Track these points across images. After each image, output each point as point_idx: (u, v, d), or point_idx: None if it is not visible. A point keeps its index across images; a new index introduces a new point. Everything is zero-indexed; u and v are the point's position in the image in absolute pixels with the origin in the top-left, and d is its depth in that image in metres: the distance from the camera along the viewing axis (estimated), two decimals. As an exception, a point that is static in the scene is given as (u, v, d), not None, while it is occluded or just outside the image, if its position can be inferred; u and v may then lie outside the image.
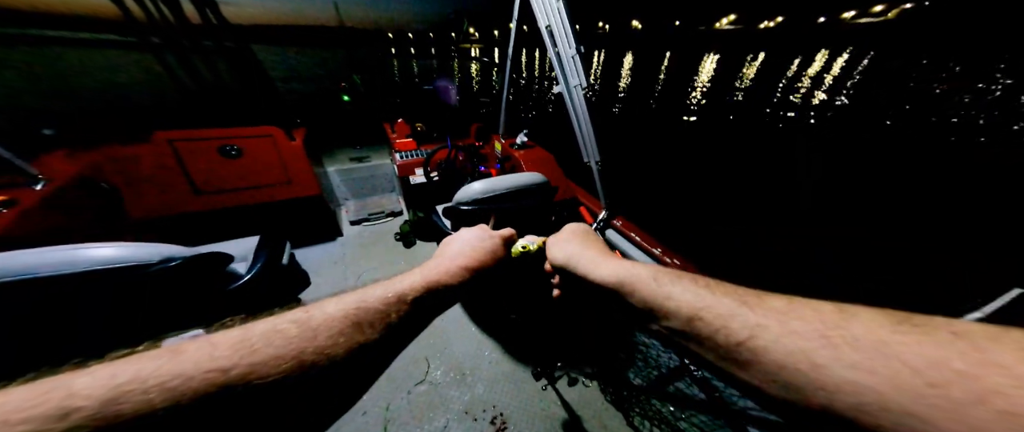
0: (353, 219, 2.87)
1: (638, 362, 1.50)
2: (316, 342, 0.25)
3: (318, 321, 0.26)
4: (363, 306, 0.29)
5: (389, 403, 1.52)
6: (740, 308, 0.24)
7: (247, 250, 1.51)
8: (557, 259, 0.43)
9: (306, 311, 0.27)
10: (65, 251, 0.84)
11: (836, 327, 0.19)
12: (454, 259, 0.41)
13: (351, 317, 0.28)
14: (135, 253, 0.89)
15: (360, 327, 0.28)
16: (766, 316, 0.22)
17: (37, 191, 1.40)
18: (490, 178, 1.54)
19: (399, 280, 0.34)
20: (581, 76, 1.67)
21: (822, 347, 0.19)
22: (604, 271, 0.35)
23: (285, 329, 0.24)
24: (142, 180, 1.89)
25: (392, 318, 0.31)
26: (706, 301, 0.26)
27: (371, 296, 0.30)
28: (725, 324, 0.24)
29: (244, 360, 0.21)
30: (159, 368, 0.18)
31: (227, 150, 2.04)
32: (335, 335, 0.26)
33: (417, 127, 2.96)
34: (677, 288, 0.28)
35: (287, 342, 0.23)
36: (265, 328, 0.24)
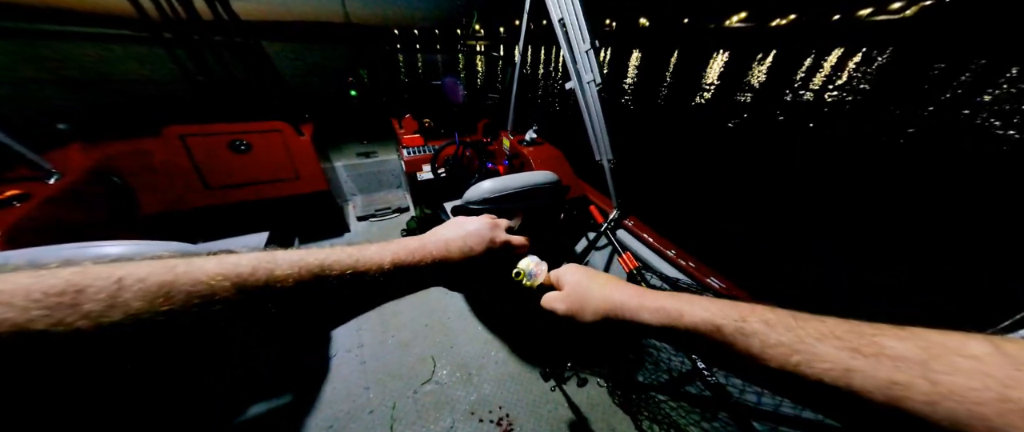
0: (360, 215, 2.87)
1: (647, 364, 1.47)
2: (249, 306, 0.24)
3: (260, 280, 0.26)
4: (320, 274, 0.29)
5: (395, 402, 1.51)
6: (854, 361, 0.20)
7: (257, 246, 1.49)
8: (590, 320, 0.38)
9: (254, 269, 0.26)
10: (71, 249, 0.83)
11: (1018, 385, 0.16)
12: (436, 245, 0.40)
13: (305, 279, 0.28)
14: (141, 251, 0.88)
15: (311, 295, 0.28)
16: (900, 371, 0.19)
17: (51, 185, 1.40)
18: (500, 176, 1.50)
19: (368, 256, 0.33)
20: (595, 72, 1.62)
21: (1011, 414, 0.16)
22: (649, 317, 0.33)
23: (217, 289, 0.23)
24: (154, 175, 1.90)
25: (344, 292, 0.31)
26: (801, 352, 0.22)
27: (335, 265, 0.30)
28: (846, 384, 0.20)
29: (156, 311, 0.20)
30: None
31: (237, 145, 2.05)
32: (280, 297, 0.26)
33: (425, 123, 2.93)
34: (754, 341, 0.25)
35: (210, 304, 0.22)
36: (193, 279, 0.22)
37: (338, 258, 0.31)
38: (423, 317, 1.95)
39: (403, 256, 0.35)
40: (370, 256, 0.33)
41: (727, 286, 1.22)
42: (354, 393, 1.53)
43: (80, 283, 0.18)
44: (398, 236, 2.64)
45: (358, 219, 2.85)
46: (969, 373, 0.17)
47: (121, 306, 0.18)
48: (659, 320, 0.31)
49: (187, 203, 1.99)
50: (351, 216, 2.89)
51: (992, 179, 6.04)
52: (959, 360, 0.18)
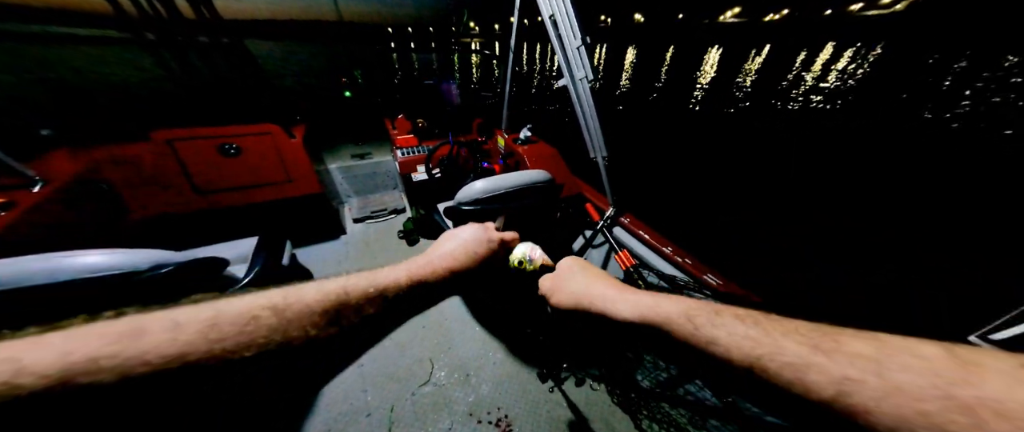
0: (356, 217, 2.84)
1: (647, 363, 1.46)
2: (289, 333, 0.24)
3: (295, 311, 0.25)
4: (344, 300, 0.28)
5: (394, 404, 1.50)
6: (814, 356, 0.21)
7: (246, 251, 1.47)
8: (563, 303, 0.40)
9: (284, 296, 0.25)
10: (48, 260, 0.80)
11: (963, 383, 0.16)
12: (443, 259, 0.40)
13: (330, 311, 0.27)
14: (123, 260, 0.85)
15: (337, 321, 0.27)
16: (854, 366, 0.19)
17: (35, 193, 1.37)
18: (493, 176, 1.49)
19: (384, 275, 0.33)
20: (587, 68, 1.60)
21: (951, 410, 0.16)
22: (624, 310, 0.33)
23: (260, 315, 0.23)
24: (142, 180, 1.86)
25: (369, 311, 0.30)
26: (764, 346, 0.23)
27: (354, 290, 0.29)
28: (800, 377, 0.20)
29: (212, 346, 0.20)
30: (118, 352, 0.17)
31: (226, 149, 2.01)
32: (308, 326, 0.25)
33: (418, 123, 2.90)
34: (721, 331, 0.25)
35: (258, 329, 0.22)
36: (239, 311, 0.22)
37: (355, 282, 0.30)
38: (420, 319, 1.92)
39: (417, 271, 0.36)
40: (386, 276, 0.33)
41: (724, 283, 1.21)
42: (352, 395, 1.52)
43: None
44: (395, 238, 2.65)
45: (354, 221, 2.82)
46: (918, 371, 0.18)
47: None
48: (634, 314, 0.32)
49: (176, 208, 1.95)
50: (347, 218, 2.86)
51: (984, 174, 6.08)
52: (911, 359, 0.18)
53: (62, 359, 0.16)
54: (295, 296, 0.26)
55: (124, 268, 0.85)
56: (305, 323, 0.25)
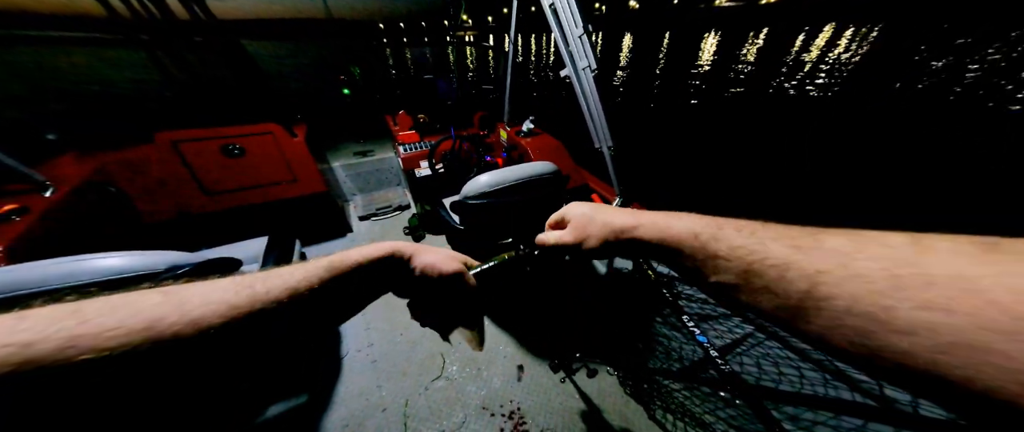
0: (362, 214, 2.81)
1: (659, 353, 1.44)
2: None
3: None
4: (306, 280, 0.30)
5: (408, 399, 1.49)
6: (794, 255, 0.21)
7: (257, 251, 1.46)
8: (599, 237, 0.38)
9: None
10: (71, 262, 0.81)
11: (908, 264, 0.17)
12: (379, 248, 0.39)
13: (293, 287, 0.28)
14: (142, 262, 0.87)
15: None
16: (825, 260, 0.20)
17: (47, 198, 1.37)
18: (498, 169, 1.45)
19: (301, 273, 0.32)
20: (589, 57, 1.55)
21: (892, 288, 0.17)
22: (647, 233, 0.33)
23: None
24: (150, 182, 1.85)
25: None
26: (757, 252, 0.23)
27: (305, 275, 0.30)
28: (781, 275, 0.21)
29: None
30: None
31: (230, 149, 1.98)
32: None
33: (420, 118, 2.85)
34: (722, 245, 0.26)
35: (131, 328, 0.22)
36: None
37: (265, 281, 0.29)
38: (430, 314, 1.92)
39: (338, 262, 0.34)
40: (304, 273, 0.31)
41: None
42: (367, 391, 1.52)
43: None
44: (400, 234, 2.62)
45: (360, 219, 2.80)
46: (879, 257, 0.18)
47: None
48: (652, 235, 0.32)
49: (187, 210, 1.94)
50: (353, 216, 2.84)
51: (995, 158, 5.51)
52: (877, 248, 0.19)
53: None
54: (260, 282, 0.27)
55: (142, 270, 0.86)
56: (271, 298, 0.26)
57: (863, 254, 0.19)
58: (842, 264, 0.19)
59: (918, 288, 0.16)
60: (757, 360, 1.04)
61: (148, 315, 0.21)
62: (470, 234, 1.60)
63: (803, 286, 0.20)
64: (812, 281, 0.20)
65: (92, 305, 0.21)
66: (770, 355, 1.01)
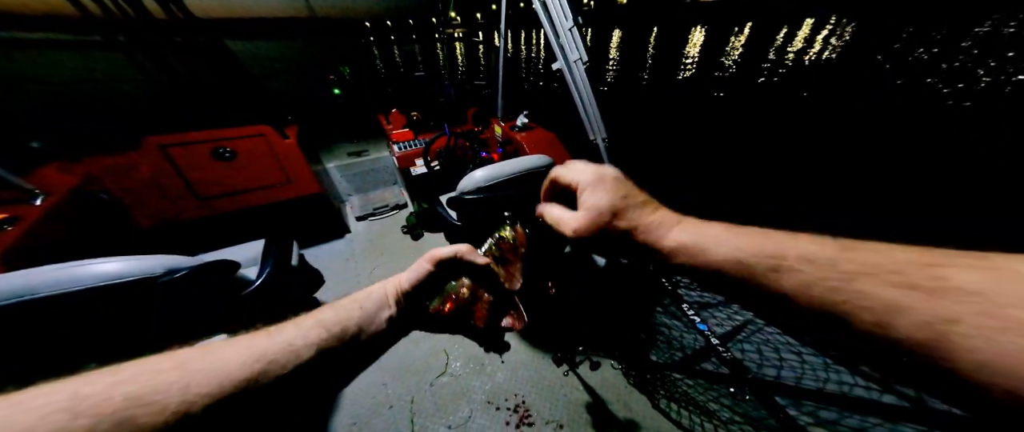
0: (359, 215, 2.77)
1: (660, 343, 1.45)
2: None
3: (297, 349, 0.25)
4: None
5: (413, 396, 1.48)
6: (905, 298, 0.17)
7: (255, 254, 1.43)
8: (603, 217, 0.29)
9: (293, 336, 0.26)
10: (68, 269, 0.81)
11: None
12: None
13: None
14: (139, 266, 0.86)
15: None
16: (954, 308, 0.15)
17: (38, 206, 1.35)
18: (493, 164, 1.43)
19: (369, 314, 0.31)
20: (580, 49, 1.54)
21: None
22: (673, 250, 0.26)
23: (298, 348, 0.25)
24: (141, 188, 1.81)
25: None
26: (842, 292, 0.18)
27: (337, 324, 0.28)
28: (884, 322, 0.17)
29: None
30: None
31: (220, 153, 1.92)
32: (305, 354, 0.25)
33: (413, 116, 2.80)
34: (787, 281, 0.21)
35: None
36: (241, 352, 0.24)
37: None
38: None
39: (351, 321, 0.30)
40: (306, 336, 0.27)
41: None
42: (373, 390, 1.50)
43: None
44: (399, 234, 2.59)
45: (357, 219, 2.75)
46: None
47: None
48: (682, 258, 0.26)
49: (180, 215, 1.90)
50: (350, 217, 2.79)
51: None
52: (1007, 303, 0.14)
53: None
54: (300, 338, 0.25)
55: (141, 274, 0.86)
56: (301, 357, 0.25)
57: (1007, 298, 0.15)
58: (983, 311, 0.15)
59: None
60: (758, 346, 1.05)
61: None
62: (469, 230, 1.58)
63: (921, 336, 0.16)
64: (937, 332, 0.16)
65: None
66: (770, 341, 1.02)
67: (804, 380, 0.94)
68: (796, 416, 0.88)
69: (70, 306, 0.80)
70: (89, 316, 0.86)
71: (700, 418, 1.20)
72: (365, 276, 2.17)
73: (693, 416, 1.23)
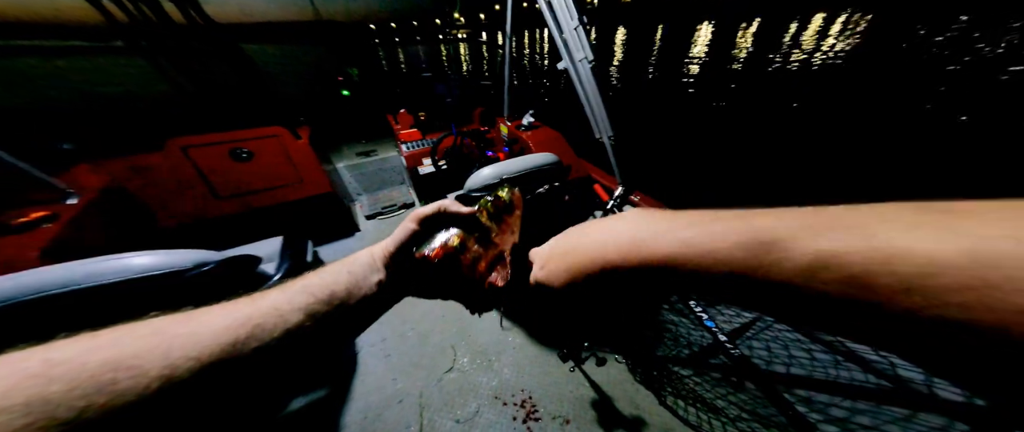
0: (368, 214, 2.81)
1: (667, 340, 1.43)
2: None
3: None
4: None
5: (422, 391, 1.50)
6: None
7: (273, 251, 1.46)
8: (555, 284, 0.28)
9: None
10: (104, 261, 0.85)
11: None
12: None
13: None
14: (171, 260, 0.90)
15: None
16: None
17: (72, 205, 1.42)
18: (500, 161, 1.44)
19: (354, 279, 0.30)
20: (586, 49, 1.53)
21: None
22: (630, 258, 0.23)
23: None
24: (164, 188, 1.88)
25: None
26: (861, 251, 0.15)
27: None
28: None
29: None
30: None
31: (238, 153, 1.99)
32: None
33: (420, 116, 2.82)
34: (791, 256, 0.16)
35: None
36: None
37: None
38: (438, 309, 1.92)
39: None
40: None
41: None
42: (383, 384, 1.53)
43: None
44: (407, 231, 2.62)
45: (367, 218, 2.79)
46: None
47: None
48: (642, 259, 0.22)
49: (201, 214, 1.96)
50: (359, 216, 2.83)
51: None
52: None
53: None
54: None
55: (173, 267, 0.90)
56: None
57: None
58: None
59: None
60: (767, 343, 1.04)
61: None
62: None
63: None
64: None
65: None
66: (780, 338, 1.01)
67: (813, 376, 0.93)
68: (805, 413, 0.87)
69: (107, 297, 0.84)
70: (122, 309, 0.90)
71: (707, 415, 1.19)
72: (374, 273, 2.20)
73: (700, 413, 1.22)
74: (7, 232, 1.23)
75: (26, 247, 1.18)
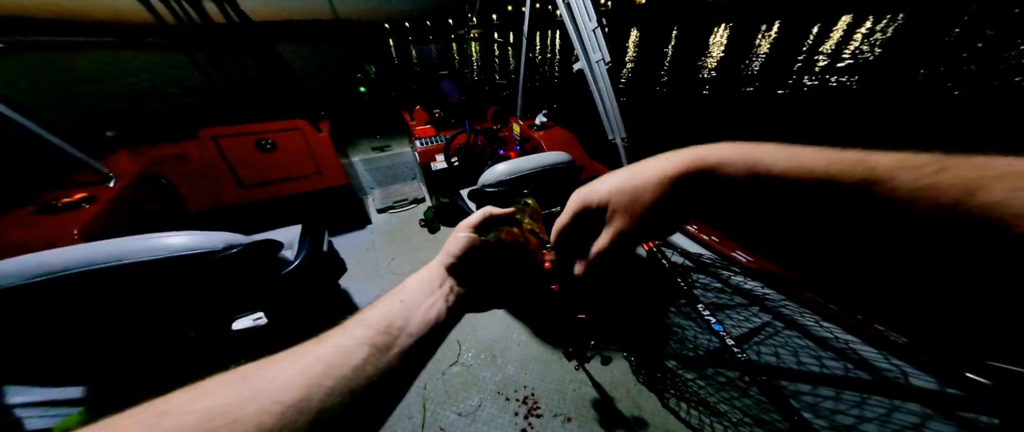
0: (379, 207, 2.86)
1: (672, 342, 1.42)
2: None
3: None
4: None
5: (426, 383, 1.52)
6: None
7: (292, 238, 1.50)
8: (646, 190, 0.27)
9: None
10: (145, 240, 0.91)
11: None
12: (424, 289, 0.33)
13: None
14: (204, 241, 0.95)
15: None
16: None
17: (111, 188, 1.48)
18: (515, 158, 1.46)
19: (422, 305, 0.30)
20: (603, 50, 1.53)
21: None
22: (723, 163, 0.25)
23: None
24: (194, 175, 1.95)
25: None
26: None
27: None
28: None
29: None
30: None
31: (263, 144, 2.06)
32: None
33: (435, 113, 2.85)
34: (881, 165, 0.20)
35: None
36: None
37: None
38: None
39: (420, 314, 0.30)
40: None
41: (755, 260, 1.15)
42: None
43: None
44: (417, 226, 2.65)
45: (378, 211, 2.84)
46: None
47: None
48: (738, 169, 0.24)
49: (225, 201, 2.04)
50: (371, 209, 2.88)
51: None
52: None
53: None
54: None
55: (206, 248, 0.94)
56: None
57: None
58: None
59: None
60: (775, 350, 1.02)
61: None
62: None
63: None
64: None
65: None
66: (789, 345, 0.99)
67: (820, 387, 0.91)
68: (811, 419, 0.85)
69: (147, 273, 0.90)
70: (159, 284, 0.96)
71: (709, 418, 1.18)
72: (384, 266, 2.24)
73: (703, 416, 1.20)
74: (53, 211, 1.30)
75: (68, 225, 1.25)
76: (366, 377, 0.25)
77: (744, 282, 1.08)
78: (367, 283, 2.09)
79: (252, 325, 1.24)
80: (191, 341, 1.12)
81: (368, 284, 2.08)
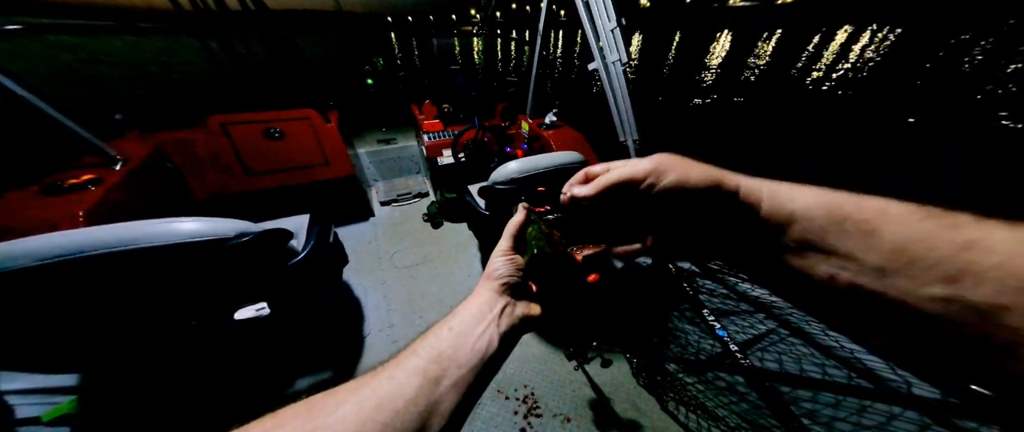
0: (383, 200, 2.84)
1: (673, 346, 1.44)
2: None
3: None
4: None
5: None
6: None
7: (300, 227, 1.50)
8: (698, 179, 0.28)
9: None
10: (158, 224, 0.89)
11: None
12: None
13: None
14: (215, 227, 0.93)
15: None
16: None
17: (118, 170, 1.47)
18: (528, 157, 1.45)
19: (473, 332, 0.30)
20: (621, 50, 1.53)
21: None
22: (754, 194, 0.27)
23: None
24: (201, 161, 1.93)
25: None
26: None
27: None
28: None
29: None
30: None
31: (271, 132, 2.05)
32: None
33: (445, 108, 2.84)
34: (887, 230, 0.22)
35: None
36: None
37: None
38: (448, 298, 1.94)
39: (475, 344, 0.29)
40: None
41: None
42: None
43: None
44: (420, 221, 2.64)
45: (381, 204, 2.83)
46: None
47: None
48: (768, 208, 0.26)
49: (231, 188, 2.02)
50: (374, 201, 2.87)
51: None
52: None
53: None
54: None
55: (217, 234, 0.93)
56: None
57: None
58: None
59: None
60: (778, 357, 1.04)
61: None
62: (495, 220, 1.60)
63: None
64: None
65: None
66: (792, 352, 1.01)
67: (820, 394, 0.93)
68: (809, 425, 0.87)
69: (158, 258, 0.88)
70: (170, 269, 0.94)
71: (707, 422, 1.19)
72: (386, 260, 2.23)
73: (701, 420, 1.22)
74: (59, 192, 1.29)
75: (74, 206, 1.23)
76: (418, 412, 0.24)
77: (752, 289, 1.09)
78: (368, 276, 2.08)
79: (255, 315, 1.24)
80: (192, 330, 1.11)
81: (369, 277, 2.07)
